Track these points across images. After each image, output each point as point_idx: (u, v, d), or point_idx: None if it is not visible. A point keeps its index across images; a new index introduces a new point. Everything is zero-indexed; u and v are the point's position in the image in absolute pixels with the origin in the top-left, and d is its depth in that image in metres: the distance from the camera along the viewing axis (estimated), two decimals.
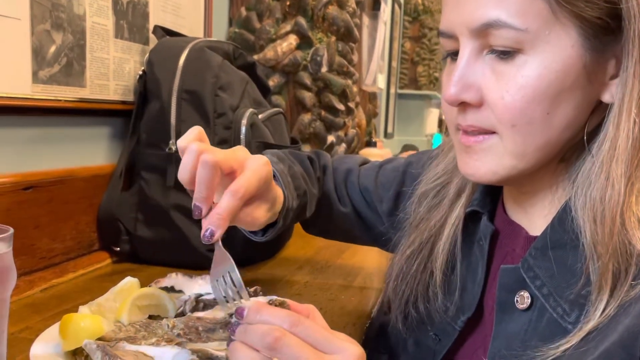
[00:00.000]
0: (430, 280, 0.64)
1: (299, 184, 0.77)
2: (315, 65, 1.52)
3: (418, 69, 4.71)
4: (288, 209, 0.72)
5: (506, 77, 0.51)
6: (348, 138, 1.75)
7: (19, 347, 0.63)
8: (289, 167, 0.77)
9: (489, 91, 0.52)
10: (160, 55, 1.05)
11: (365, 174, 0.87)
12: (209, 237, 0.55)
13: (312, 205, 0.83)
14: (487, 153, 0.54)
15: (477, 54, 0.52)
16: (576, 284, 0.50)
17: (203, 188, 0.55)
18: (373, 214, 0.86)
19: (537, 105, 0.50)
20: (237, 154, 0.60)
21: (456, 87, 0.53)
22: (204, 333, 0.48)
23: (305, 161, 0.86)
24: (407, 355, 0.66)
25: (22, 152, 0.87)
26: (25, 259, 0.85)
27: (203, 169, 0.55)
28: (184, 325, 0.48)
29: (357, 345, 0.45)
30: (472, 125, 0.54)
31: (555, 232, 0.54)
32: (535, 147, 0.52)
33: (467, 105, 0.54)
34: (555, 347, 0.49)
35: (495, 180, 0.55)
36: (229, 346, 0.47)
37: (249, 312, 0.46)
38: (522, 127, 0.51)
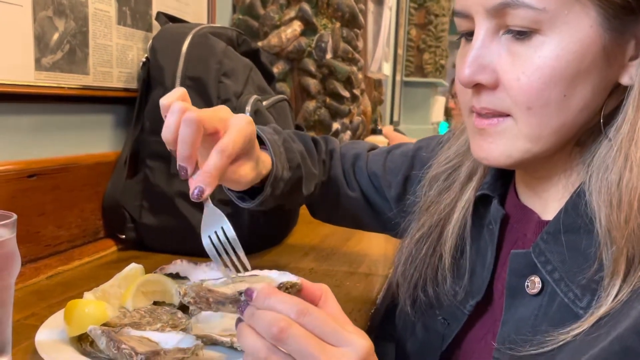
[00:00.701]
0: (440, 263, 0.64)
1: (292, 157, 0.77)
2: (320, 52, 1.51)
3: (424, 57, 4.68)
4: (277, 177, 0.72)
5: (522, 58, 0.50)
6: (353, 125, 1.74)
7: (25, 334, 0.63)
8: (283, 140, 0.77)
9: (505, 72, 0.51)
10: (164, 42, 1.04)
11: (374, 159, 0.87)
12: (198, 195, 0.55)
13: (311, 185, 0.83)
14: (501, 136, 0.53)
15: (492, 35, 0.51)
16: (589, 269, 0.50)
17: (186, 147, 0.55)
18: (381, 200, 0.85)
19: (554, 87, 0.49)
20: (220, 114, 0.60)
21: (471, 68, 0.51)
22: (214, 304, 0.48)
23: (309, 142, 0.86)
24: (415, 339, 0.66)
25: (26, 139, 0.87)
26: (30, 247, 0.85)
27: (186, 127, 0.55)
28: (195, 294, 0.48)
29: (364, 338, 0.44)
30: (486, 107, 0.53)
31: (569, 216, 0.53)
32: (550, 130, 0.51)
33: (482, 87, 0.52)
34: (566, 332, 0.48)
35: (509, 164, 0.54)
36: (237, 327, 0.47)
37: (257, 296, 0.45)
38: (537, 110, 0.50)
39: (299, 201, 0.86)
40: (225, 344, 0.61)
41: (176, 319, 0.65)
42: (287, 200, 0.81)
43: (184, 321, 0.65)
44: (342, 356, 0.43)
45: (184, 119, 0.55)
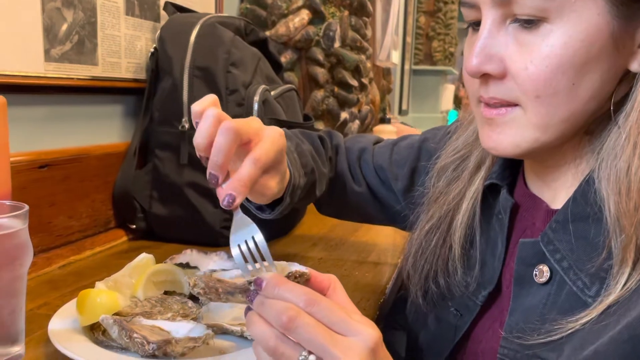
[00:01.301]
0: (450, 254, 0.64)
1: (306, 162, 0.77)
2: (328, 41, 1.50)
3: (433, 44, 4.65)
4: (295, 186, 0.71)
5: (530, 47, 0.49)
6: (362, 115, 1.73)
7: (38, 323, 0.64)
8: (296, 145, 0.77)
9: (513, 62, 0.50)
10: (172, 32, 1.04)
11: (380, 152, 0.87)
12: (229, 203, 0.54)
13: (323, 185, 0.83)
14: (509, 126, 0.53)
15: (499, 24, 0.51)
16: (598, 257, 0.49)
17: (221, 156, 0.54)
18: (388, 193, 0.85)
19: (562, 76, 0.49)
20: (253, 124, 0.59)
21: (478, 58, 0.51)
22: (223, 295, 0.48)
23: (316, 140, 0.86)
24: (428, 331, 0.66)
25: (37, 130, 0.88)
26: (42, 237, 0.86)
27: (223, 136, 0.54)
28: (205, 284, 0.48)
29: (373, 328, 0.44)
30: (494, 97, 0.53)
31: (578, 204, 0.53)
32: (559, 119, 0.51)
33: (490, 77, 0.52)
34: (575, 320, 0.48)
35: (518, 154, 0.54)
36: (246, 315, 0.47)
37: (267, 285, 0.45)
38: (546, 99, 0.50)
39: (311, 201, 0.86)
40: (235, 333, 0.62)
41: (187, 308, 0.66)
42: (301, 204, 0.81)
43: (194, 310, 0.66)
44: (350, 345, 0.43)
45: (222, 128, 0.54)
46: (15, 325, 0.56)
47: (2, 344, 0.55)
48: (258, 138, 0.59)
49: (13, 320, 0.56)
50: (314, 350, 0.43)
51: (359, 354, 0.42)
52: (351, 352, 0.42)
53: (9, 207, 0.57)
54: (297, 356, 0.43)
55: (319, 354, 0.43)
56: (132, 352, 0.56)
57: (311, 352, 0.43)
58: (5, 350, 0.55)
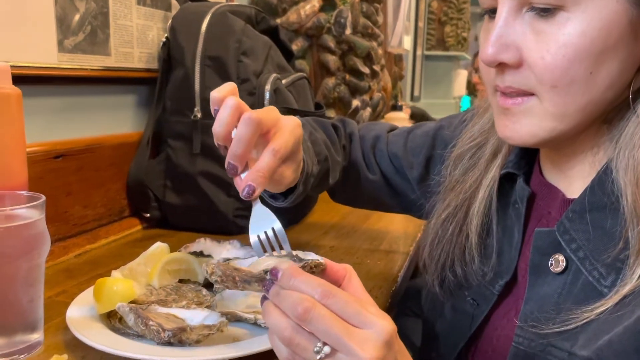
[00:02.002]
0: (467, 243, 0.63)
1: (319, 150, 0.77)
2: (339, 28, 1.49)
3: (446, 29, 4.60)
4: (308, 174, 0.71)
5: (547, 36, 0.49)
6: (373, 102, 1.72)
7: (56, 310, 0.65)
8: (309, 133, 0.77)
9: (529, 51, 0.50)
10: (183, 22, 1.04)
11: (394, 140, 0.86)
12: (248, 194, 0.55)
13: (336, 173, 0.83)
14: (526, 115, 0.52)
15: (516, 12, 0.50)
16: (614, 247, 0.49)
17: (242, 145, 0.55)
18: (403, 181, 0.85)
19: (580, 65, 0.48)
20: (272, 114, 0.60)
21: (494, 47, 0.51)
22: (240, 283, 0.49)
23: (329, 128, 0.86)
24: (444, 320, 0.66)
25: (51, 121, 0.89)
26: (59, 226, 0.87)
27: (246, 127, 0.55)
28: (222, 272, 0.49)
29: (387, 320, 0.44)
30: (510, 86, 0.52)
31: (594, 194, 0.52)
32: (576, 108, 0.50)
33: (506, 66, 0.52)
34: (590, 309, 0.48)
35: (535, 143, 0.54)
36: (262, 305, 0.47)
37: (282, 276, 0.46)
38: (563, 88, 0.49)
39: (324, 190, 0.86)
40: (249, 321, 0.62)
41: (201, 297, 0.67)
42: (314, 192, 0.81)
43: (208, 298, 0.67)
44: (365, 338, 0.43)
45: (244, 118, 0.55)
46: (34, 313, 0.57)
47: (22, 331, 0.56)
48: (276, 128, 0.59)
49: (32, 308, 0.57)
50: (329, 341, 0.43)
51: (373, 346, 0.43)
52: (366, 344, 0.43)
53: (27, 198, 0.59)
54: (312, 347, 0.43)
55: (333, 345, 0.43)
56: (148, 339, 0.57)
57: (326, 343, 0.43)
58: (25, 337, 0.57)
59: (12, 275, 0.55)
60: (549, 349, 0.51)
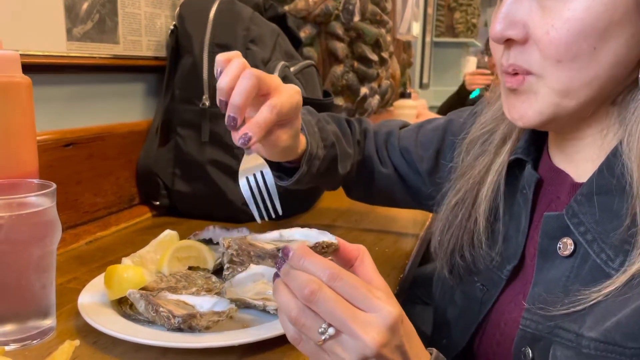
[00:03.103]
0: (475, 227, 0.64)
1: (326, 136, 0.80)
2: (348, 15, 1.48)
3: (455, 16, 4.55)
4: (312, 155, 0.75)
5: (552, 11, 0.49)
6: (382, 89, 1.72)
7: (68, 297, 0.66)
8: (317, 120, 0.80)
9: (535, 26, 0.51)
10: (191, 9, 1.04)
11: (405, 135, 0.89)
12: (244, 141, 0.58)
13: (346, 164, 0.85)
14: (531, 94, 0.53)
15: None
16: (621, 227, 0.49)
17: (241, 97, 0.58)
18: (414, 174, 0.87)
19: (584, 40, 0.48)
20: (273, 78, 0.63)
21: (502, 23, 0.52)
22: (255, 257, 0.50)
23: (343, 123, 0.89)
24: (455, 306, 0.67)
25: (61, 109, 0.89)
26: (70, 213, 0.88)
27: (246, 79, 0.58)
28: (238, 247, 0.50)
29: (394, 306, 0.45)
30: (513, 64, 0.53)
31: (603, 177, 0.52)
32: (581, 84, 0.51)
33: (513, 43, 0.53)
34: (598, 290, 0.48)
35: (543, 122, 0.54)
36: (274, 282, 0.48)
37: (293, 256, 0.46)
38: (567, 64, 0.50)
39: (336, 180, 0.88)
40: (258, 307, 0.63)
41: (210, 283, 0.67)
42: (323, 179, 0.83)
43: (218, 285, 0.67)
44: (369, 321, 0.43)
45: (246, 72, 0.59)
46: (46, 299, 0.58)
47: (35, 317, 0.57)
48: (276, 92, 0.63)
49: (45, 295, 0.58)
50: (334, 323, 0.44)
51: (377, 330, 0.43)
52: (369, 328, 0.43)
53: (38, 186, 0.59)
54: (317, 328, 0.44)
55: (338, 327, 0.44)
56: (159, 325, 0.58)
57: (330, 325, 0.44)
58: (37, 323, 0.57)
59: (24, 262, 0.55)
60: (557, 330, 0.51)
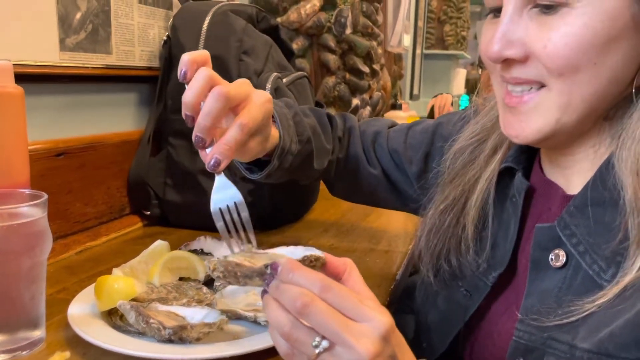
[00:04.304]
0: (463, 234, 0.64)
1: (302, 131, 0.78)
2: (340, 27, 1.50)
3: (445, 28, 4.60)
4: (284, 150, 0.72)
5: (549, 25, 0.50)
6: (373, 101, 1.73)
7: (57, 307, 0.66)
8: (295, 114, 0.78)
9: (533, 42, 0.51)
10: (184, 20, 1.05)
11: (394, 136, 0.88)
12: (214, 165, 0.57)
13: (323, 161, 0.83)
14: (533, 112, 0.54)
15: (521, 10, 0.52)
16: (614, 239, 0.50)
17: (210, 119, 0.56)
18: (402, 176, 0.86)
19: (583, 55, 0.49)
20: (243, 88, 0.61)
21: (499, 44, 0.52)
22: (242, 278, 0.49)
23: (323, 117, 0.87)
24: (437, 311, 0.67)
25: (53, 119, 0.89)
26: (60, 223, 0.87)
27: (215, 101, 0.56)
28: (224, 268, 0.49)
29: (386, 315, 0.45)
30: (517, 77, 0.54)
31: (596, 189, 0.53)
32: (581, 98, 0.51)
33: (512, 62, 0.53)
34: (591, 301, 0.49)
35: (540, 139, 0.54)
36: (262, 299, 0.48)
37: (282, 270, 0.46)
38: (569, 77, 0.50)
39: (312, 176, 0.85)
40: (249, 319, 0.63)
41: (201, 294, 0.67)
42: (298, 174, 0.82)
43: (209, 296, 0.67)
44: (363, 331, 0.44)
45: (214, 92, 0.56)
46: (36, 310, 0.58)
47: (24, 328, 0.57)
48: (246, 102, 0.61)
49: (34, 305, 0.57)
50: (327, 335, 0.44)
51: (370, 340, 0.43)
52: (363, 338, 0.43)
53: (29, 196, 0.59)
54: (311, 342, 0.44)
55: (332, 339, 0.44)
56: (149, 337, 0.58)
57: (324, 338, 0.44)
58: (27, 334, 0.57)
59: (14, 272, 0.55)
60: (550, 342, 0.51)
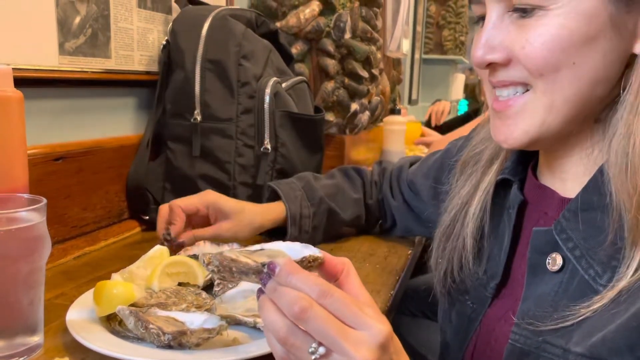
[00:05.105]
0: (463, 248, 0.65)
1: (313, 195, 0.95)
2: (339, 32, 1.50)
3: (443, 33, 4.61)
4: (297, 216, 0.92)
5: (527, 27, 0.51)
6: (372, 106, 1.73)
7: (55, 313, 0.65)
8: (305, 184, 0.96)
9: (512, 45, 0.52)
10: (184, 25, 1.05)
11: (413, 169, 0.99)
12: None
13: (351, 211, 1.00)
14: (519, 115, 0.54)
15: (502, 16, 0.53)
16: (608, 244, 0.50)
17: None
18: (420, 204, 0.95)
19: (561, 54, 0.50)
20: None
21: (482, 49, 0.54)
22: (237, 274, 0.48)
23: (349, 171, 1.05)
24: (451, 326, 0.68)
25: (52, 123, 0.89)
26: (58, 228, 0.87)
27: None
28: (219, 263, 0.48)
29: (384, 323, 0.45)
30: (502, 80, 0.55)
31: (589, 193, 0.53)
32: (563, 99, 0.52)
33: (497, 65, 0.55)
34: (587, 305, 0.49)
35: (528, 141, 0.55)
36: (259, 300, 0.47)
37: (280, 272, 0.45)
38: (549, 77, 0.51)
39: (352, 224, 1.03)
40: (248, 324, 0.63)
41: (201, 300, 0.67)
42: (334, 228, 1.00)
43: (208, 302, 0.67)
44: (360, 339, 0.43)
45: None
46: (34, 316, 0.57)
47: (22, 333, 0.56)
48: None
49: (32, 311, 0.57)
50: (325, 342, 0.43)
51: (368, 348, 0.43)
52: (361, 346, 0.43)
53: (28, 201, 0.59)
54: (307, 347, 0.44)
55: (329, 345, 0.43)
56: (148, 343, 0.58)
57: (321, 344, 0.43)
58: (25, 339, 0.57)
59: (12, 277, 0.55)
60: (544, 345, 0.51)
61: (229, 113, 1.02)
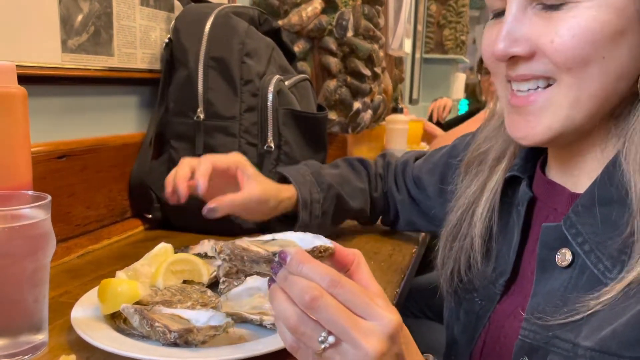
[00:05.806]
0: (471, 246, 0.65)
1: (322, 180, 0.93)
2: (341, 30, 1.49)
3: (444, 33, 4.60)
4: (308, 200, 0.90)
5: (556, 20, 0.50)
6: (374, 104, 1.72)
7: (60, 311, 0.65)
8: (313, 171, 0.94)
9: (539, 38, 0.51)
10: (186, 23, 1.04)
11: (418, 164, 0.99)
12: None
13: (359, 199, 0.99)
14: (543, 110, 0.53)
15: (524, 8, 0.52)
16: (620, 237, 0.49)
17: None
18: (426, 199, 0.95)
19: (591, 47, 0.49)
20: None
21: (505, 42, 0.52)
22: (248, 262, 0.48)
23: (353, 162, 1.04)
24: (459, 323, 0.67)
25: (55, 121, 0.89)
26: (61, 226, 0.87)
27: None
28: (231, 251, 0.48)
29: (394, 314, 0.44)
30: (523, 74, 0.53)
31: (602, 187, 0.52)
32: (589, 94, 0.51)
33: (519, 59, 0.53)
34: (596, 297, 0.48)
35: (550, 138, 0.54)
36: (269, 288, 0.47)
37: (291, 261, 0.45)
38: (578, 71, 0.50)
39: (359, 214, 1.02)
40: (254, 322, 0.62)
41: (206, 297, 0.67)
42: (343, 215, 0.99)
43: (213, 299, 0.66)
44: (370, 329, 0.43)
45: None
46: (39, 314, 0.57)
47: (27, 331, 0.56)
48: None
49: (37, 309, 0.57)
50: (335, 331, 0.43)
51: (378, 339, 0.43)
52: (371, 336, 0.43)
53: (32, 198, 0.58)
54: (317, 336, 0.43)
55: (338, 335, 0.43)
56: (154, 340, 0.57)
57: (331, 333, 0.43)
58: (30, 337, 0.56)
59: (17, 275, 0.54)
60: (554, 340, 0.51)
61: (232, 111, 1.02)
